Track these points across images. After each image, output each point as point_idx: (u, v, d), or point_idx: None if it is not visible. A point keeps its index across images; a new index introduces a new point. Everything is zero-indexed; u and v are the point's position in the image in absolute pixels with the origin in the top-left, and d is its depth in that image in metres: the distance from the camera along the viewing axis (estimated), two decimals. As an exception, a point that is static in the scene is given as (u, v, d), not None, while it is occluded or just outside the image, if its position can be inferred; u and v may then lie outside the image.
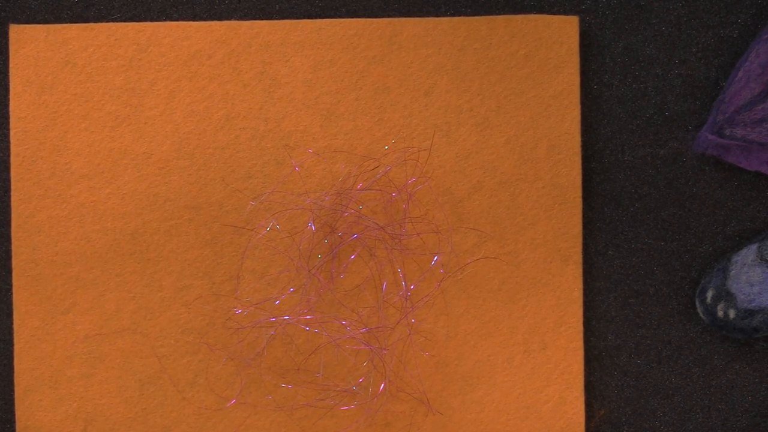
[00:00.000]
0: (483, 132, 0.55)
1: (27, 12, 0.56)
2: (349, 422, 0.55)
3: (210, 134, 0.55)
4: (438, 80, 0.55)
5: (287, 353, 0.55)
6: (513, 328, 0.56)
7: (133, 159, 0.55)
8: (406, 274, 0.55)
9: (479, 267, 0.56)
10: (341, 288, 0.55)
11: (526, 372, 0.56)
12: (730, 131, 0.54)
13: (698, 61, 0.57)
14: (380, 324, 0.55)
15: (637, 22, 0.56)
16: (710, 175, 0.57)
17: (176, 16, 0.56)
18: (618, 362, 0.57)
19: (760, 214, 0.57)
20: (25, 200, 0.54)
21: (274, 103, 0.55)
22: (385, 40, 0.55)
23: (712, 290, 0.55)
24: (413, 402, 0.55)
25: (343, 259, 0.55)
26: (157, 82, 0.55)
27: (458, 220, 0.55)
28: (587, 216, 0.56)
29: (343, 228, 0.55)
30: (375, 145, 0.55)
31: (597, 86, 0.56)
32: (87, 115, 0.55)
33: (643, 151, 0.57)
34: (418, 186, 0.55)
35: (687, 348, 0.57)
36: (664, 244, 0.57)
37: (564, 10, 0.56)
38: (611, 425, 0.57)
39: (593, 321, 0.57)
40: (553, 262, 0.56)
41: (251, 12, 0.56)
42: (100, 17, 0.56)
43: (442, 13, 0.56)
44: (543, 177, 0.55)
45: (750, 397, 0.57)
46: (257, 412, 0.55)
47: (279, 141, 0.55)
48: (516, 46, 0.55)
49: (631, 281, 0.57)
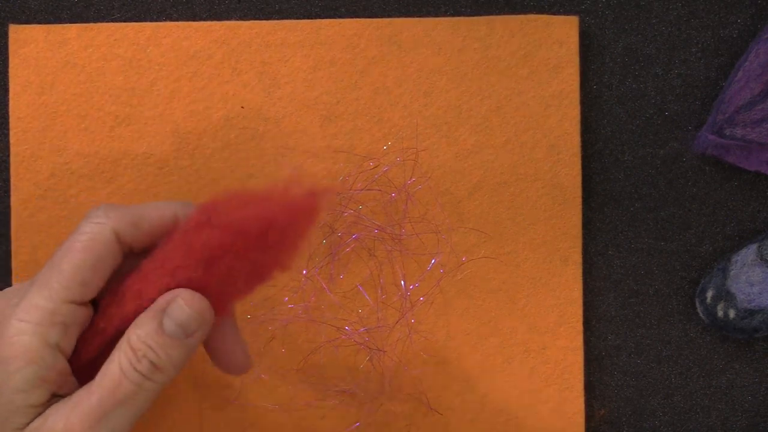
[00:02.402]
0: (482, 132, 0.55)
1: (27, 12, 0.56)
2: (348, 422, 0.55)
3: (210, 134, 0.55)
4: (437, 80, 0.55)
5: (287, 353, 0.55)
6: (513, 328, 0.56)
7: (133, 159, 0.55)
8: (406, 275, 0.55)
9: (479, 267, 0.56)
10: (341, 288, 0.55)
11: (525, 372, 0.56)
12: (730, 131, 0.54)
13: (698, 61, 0.57)
14: (380, 324, 0.55)
15: (637, 22, 0.56)
16: (710, 175, 0.57)
17: (176, 16, 0.56)
18: (618, 362, 0.57)
19: (760, 214, 0.57)
20: (24, 200, 0.54)
21: (274, 103, 0.55)
22: (385, 40, 0.55)
23: (712, 290, 0.55)
24: (413, 402, 0.55)
25: (342, 260, 0.55)
26: (156, 82, 0.55)
27: (458, 220, 0.55)
28: (587, 216, 0.56)
29: (342, 228, 0.55)
30: (374, 145, 0.55)
31: (597, 86, 0.56)
32: (87, 115, 0.55)
33: (643, 151, 0.57)
34: (417, 186, 0.55)
35: (687, 348, 0.57)
36: (664, 244, 0.57)
37: (564, 10, 0.56)
38: (611, 425, 0.57)
39: (593, 321, 0.57)
40: (553, 262, 0.56)
41: (251, 12, 0.56)
42: (99, 17, 0.56)
43: (442, 13, 0.56)
44: (543, 177, 0.55)
45: (750, 397, 0.57)
46: (257, 412, 0.55)
47: (279, 141, 0.55)
48: (516, 46, 0.55)
49: (631, 281, 0.57)
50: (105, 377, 0.40)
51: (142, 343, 0.40)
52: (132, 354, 0.40)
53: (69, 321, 0.41)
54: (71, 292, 0.41)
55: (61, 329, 0.41)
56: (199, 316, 0.41)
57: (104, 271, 0.42)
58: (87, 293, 0.42)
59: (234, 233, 0.41)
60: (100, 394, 0.40)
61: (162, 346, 0.41)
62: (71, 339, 0.41)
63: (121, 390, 0.40)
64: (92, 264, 0.42)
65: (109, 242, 0.42)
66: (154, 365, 0.41)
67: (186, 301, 0.41)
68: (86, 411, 0.40)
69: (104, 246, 0.42)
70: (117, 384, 0.40)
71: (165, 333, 0.41)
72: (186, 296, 0.41)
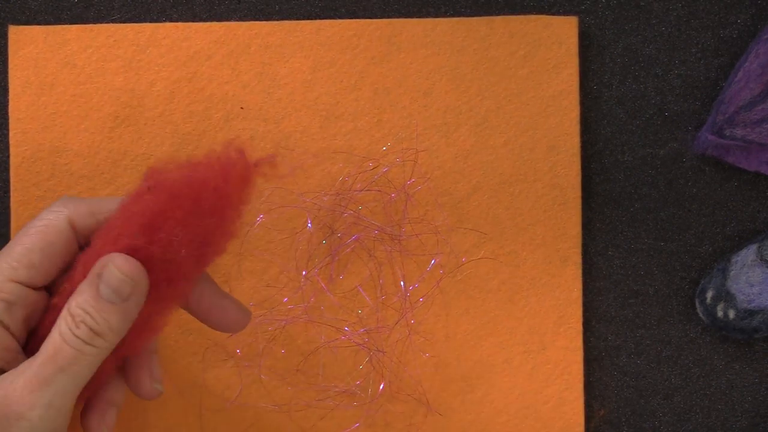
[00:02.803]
0: (482, 132, 0.55)
1: (26, 13, 0.56)
2: (348, 423, 0.55)
3: (209, 135, 0.55)
4: (437, 81, 0.55)
5: (287, 354, 0.55)
6: (512, 328, 0.56)
7: (133, 160, 0.55)
8: (406, 275, 0.55)
9: (478, 267, 0.56)
10: (340, 289, 0.55)
11: (525, 372, 0.56)
12: (730, 131, 0.53)
13: (698, 61, 0.56)
14: (379, 325, 0.55)
15: (637, 22, 0.56)
16: (710, 175, 0.57)
17: (176, 17, 0.56)
18: (618, 362, 0.57)
19: (760, 214, 0.57)
20: (24, 201, 0.54)
21: (274, 104, 0.55)
22: (385, 41, 0.55)
23: (712, 290, 0.55)
24: (413, 402, 0.55)
25: (342, 260, 0.55)
26: (156, 82, 0.55)
27: (457, 220, 0.55)
28: (587, 216, 0.56)
29: (342, 229, 0.55)
30: (374, 145, 0.55)
31: (596, 86, 0.56)
32: (86, 115, 0.55)
33: (643, 151, 0.56)
34: (417, 186, 0.55)
35: (687, 348, 0.57)
36: (664, 244, 0.57)
37: (563, 10, 0.56)
38: (611, 425, 0.57)
39: (593, 321, 0.57)
40: (553, 262, 0.56)
41: (250, 13, 0.56)
42: (99, 18, 0.56)
43: (442, 14, 0.56)
44: (542, 177, 0.55)
45: (750, 397, 0.57)
46: (257, 413, 0.55)
47: (278, 142, 0.55)
48: (515, 46, 0.55)
49: (631, 281, 0.57)
50: (47, 345, 0.41)
51: (80, 309, 0.41)
52: (71, 320, 0.41)
53: (12, 299, 0.42)
54: (17, 272, 0.42)
55: (3, 306, 0.42)
56: (132, 280, 0.41)
57: (55, 257, 0.43)
58: (35, 276, 0.43)
59: (168, 197, 0.42)
60: (41, 360, 0.41)
61: (99, 311, 0.41)
62: (16, 318, 0.42)
63: (62, 355, 0.41)
64: (42, 248, 0.43)
65: (63, 230, 0.44)
66: (93, 330, 0.41)
67: (117, 266, 0.41)
68: (28, 377, 0.40)
69: (58, 233, 0.43)
70: (58, 350, 0.41)
71: (101, 298, 0.41)
72: (118, 261, 0.41)
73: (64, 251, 0.44)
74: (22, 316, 0.43)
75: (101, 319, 0.41)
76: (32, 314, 0.43)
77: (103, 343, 0.41)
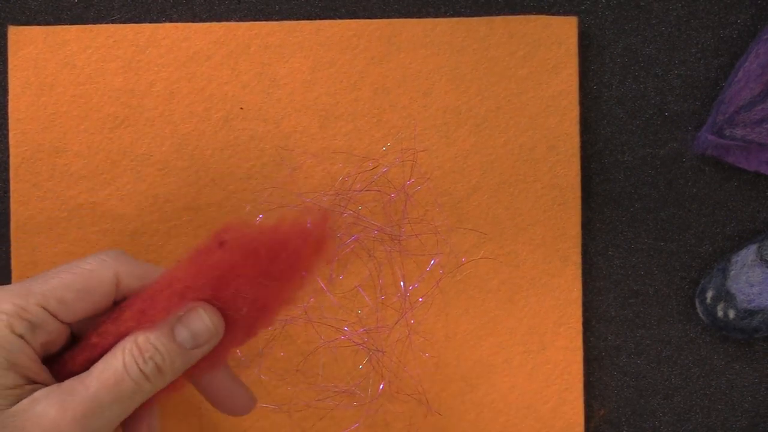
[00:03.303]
0: (482, 133, 0.55)
1: (26, 13, 0.56)
2: (348, 423, 0.55)
3: (209, 135, 0.55)
4: (437, 81, 0.55)
5: (286, 354, 0.55)
6: (512, 328, 0.56)
7: (133, 160, 0.55)
8: (405, 275, 0.55)
9: (478, 267, 0.56)
10: (340, 289, 0.55)
11: (525, 372, 0.56)
12: (730, 131, 0.53)
13: (698, 61, 0.56)
14: (379, 325, 0.55)
15: (637, 22, 0.56)
16: (710, 175, 0.57)
17: (176, 17, 0.56)
18: (618, 362, 0.57)
19: (760, 214, 0.57)
20: (24, 201, 0.55)
21: (273, 104, 0.55)
22: (384, 41, 0.55)
23: (712, 290, 0.55)
24: (412, 402, 0.55)
25: (341, 260, 0.55)
26: (156, 83, 0.55)
27: (457, 220, 0.55)
28: (586, 216, 0.56)
29: (341, 229, 0.55)
30: (374, 145, 0.55)
31: (596, 87, 0.56)
32: (86, 116, 0.55)
33: (643, 151, 0.56)
34: (416, 187, 0.55)
35: (687, 348, 0.57)
36: (664, 244, 0.57)
37: (563, 10, 0.56)
38: (611, 425, 0.57)
39: (593, 321, 0.57)
40: (553, 262, 0.56)
41: (250, 13, 0.56)
42: (99, 18, 0.56)
43: (441, 14, 0.56)
44: (542, 177, 0.55)
45: (750, 397, 0.57)
46: (257, 413, 0.55)
47: (278, 142, 0.55)
48: (515, 46, 0.55)
49: (631, 281, 0.57)
50: (105, 372, 0.41)
51: (151, 345, 0.42)
52: (139, 354, 0.42)
53: (36, 322, 0.42)
54: (47, 302, 0.42)
55: (27, 326, 0.42)
56: (214, 329, 0.43)
57: (88, 303, 0.43)
58: (61, 312, 0.43)
59: (243, 254, 0.42)
60: (97, 386, 0.41)
61: (170, 351, 0.42)
62: (37, 340, 0.42)
63: (123, 386, 0.41)
64: (79, 289, 0.43)
65: (106, 282, 0.44)
66: (159, 368, 0.42)
67: (206, 314, 0.43)
68: (81, 400, 0.40)
69: (100, 283, 0.44)
70: (118, 380, 0.41)
71: (176, 339, 0.42)
72: (207, 308, 0.43)
73: (98, 300, 0.44)
74: (42, 341, 0.42)
75: (169, 360, 0.42)
76: (50, 343, 0.43)
77: (161, 382, 0.42)
